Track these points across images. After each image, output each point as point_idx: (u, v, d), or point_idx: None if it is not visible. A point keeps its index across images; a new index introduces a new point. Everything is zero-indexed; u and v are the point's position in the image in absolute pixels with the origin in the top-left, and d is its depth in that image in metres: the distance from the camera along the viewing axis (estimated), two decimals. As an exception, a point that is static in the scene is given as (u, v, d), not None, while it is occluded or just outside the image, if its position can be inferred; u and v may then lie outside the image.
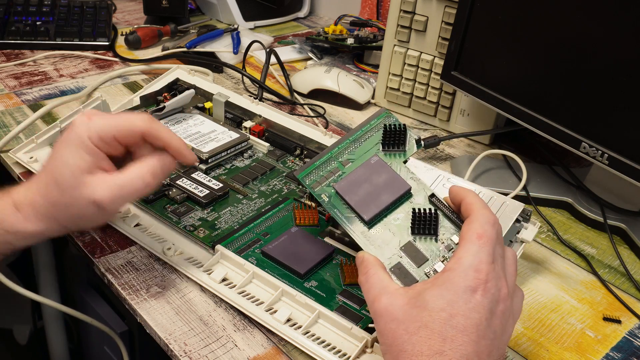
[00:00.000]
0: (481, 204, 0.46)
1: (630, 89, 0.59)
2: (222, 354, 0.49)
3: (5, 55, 1.00)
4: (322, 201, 0.51)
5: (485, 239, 0.43)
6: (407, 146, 0.54)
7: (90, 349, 0.98)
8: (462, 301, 0.40)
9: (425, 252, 0.48)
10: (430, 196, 0.51)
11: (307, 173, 0.53)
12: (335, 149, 0.54)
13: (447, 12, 0.81)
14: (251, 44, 0.99)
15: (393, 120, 0.55)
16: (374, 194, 0.50)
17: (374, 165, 0.52)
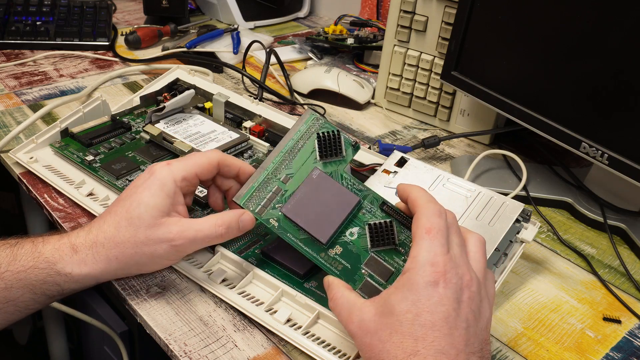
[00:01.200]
0: (425, 198, 0.46)
1: (630, 89, 0.59)
2: (222, 354, 0.49)
3: (5, 55, 1.00)
4: (272, 227, 0.50)
5: (435, 231, 0.43)
6: (345, 152, 0.52)
7: (90, 349, 0.98)
8: (425, 298, 0.41)
9: (389, 265, 0.47)
10: (381, 204, 0.50)
11: (248, 197, 0.51)
12: (270, 165, 0.52)
13: (447, 12, 0.81)
14: (251, 44, 0.99)
15: (324, 125, 0.52)
16: (324, 212, 0.49)
17: (317, 180, 0.51)
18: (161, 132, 0.71)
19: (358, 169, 0.67)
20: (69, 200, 0.64)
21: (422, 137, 0.85)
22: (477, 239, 0.46)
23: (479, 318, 0.42)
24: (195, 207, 0.63)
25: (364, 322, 0.43)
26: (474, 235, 0.47)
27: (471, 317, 0.41)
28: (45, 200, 0.65)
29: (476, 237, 0.47)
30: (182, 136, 0.71)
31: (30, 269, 0.49)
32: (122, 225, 0.50)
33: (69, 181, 0.65)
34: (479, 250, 0.46)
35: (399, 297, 0.41)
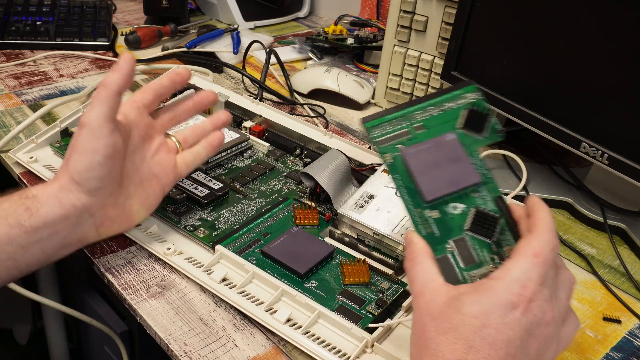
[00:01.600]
0: (549, 224, 0.43)
1: (630, 89, 0.59)
2: (222, 354, 0.49)
3: (5, 55, 1.00)
4: (385, 161, 0.47)
5: (541, 259, 0.40)
6: (487, 134, 0.49)
7: (90, 349, 0.98)
8: (499, 314, 0.38)
9: (476, 254, 0.45)
10: (497, 197, 0.47)
11: (375, 124, 0.48)
12: (411, 108, 0.49)
13: (447, 12, 0.81)
14: (251, 44, 0.99)
15: (479, 98, 0.49)
16: (440, 175, 0.46)
17: (448, 143, 0.47)
18: (161, 132, 0.71)
19: (358, 168, 0.67)
20: (69, 200, 0.64)
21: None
22: (568, 278, 0.43)
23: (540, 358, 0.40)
24: (195, 207, 0.63)
25: (432, 304, 0.41)
26: (566, 274, 0.43)
27: (533, 354, 0.39)
28: (45, 200, 0.65)
29: (568, 277, 0.43)
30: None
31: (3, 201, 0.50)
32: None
33: (69, 181, 0.65)
34: (565, 290, 0.43)
35: (474, 299, 0.39)
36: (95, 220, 0.53)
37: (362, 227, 0.59)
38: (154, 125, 0.58)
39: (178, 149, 0.60)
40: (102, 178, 0.51)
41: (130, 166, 0.55)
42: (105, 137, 0.50)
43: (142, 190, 0.56)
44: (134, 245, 0.59)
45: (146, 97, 0.57)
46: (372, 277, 0.56)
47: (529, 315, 0.39)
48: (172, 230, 0.60)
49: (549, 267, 0.40)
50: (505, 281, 0.39)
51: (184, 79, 0.60)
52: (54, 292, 1.03)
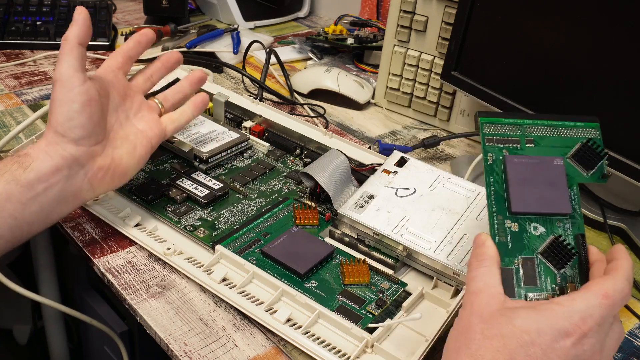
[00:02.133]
0: (628, 274, 0.42)
1: (630, 88, 0.59)
2: (222, 354, 0.49)
3: (5, 55, 1.00)
4: (485, 160, 0.48)
5: (609, 301, 0.40)
6: (592, 173, 0.49)
7: (90, 349, 0.98)
8: (550, 337, 0.38)
9: (539, 279, 0.45)
10: (579, 235, 0.47)
11: (490, 121, 0.49)
12: (530, 121, 0.50)
13: (447, 12, 0.81)
14: (251, 44, 0.99)
15: (597, 137, 0.50)
16: (534, 192, 0.47)
17: (554, 166, 0.48)
18: (161, 132, 0.71)
19: (358, 168, 0.67)
20: (69, 200, 0.64)
21: (422, 137, 0.85)
22: (620, 332, 0.43)
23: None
24: (195, 207, 0.63)
25: (485, 306, 0.41)
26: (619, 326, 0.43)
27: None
28: (45, 200, 0.65)
29: (620, 331, 0.43)
30: (182, 136, 0.71)
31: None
32: None
33: (69, 181, 0.65)
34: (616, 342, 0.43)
35: (529, 315, 0.39)
36: (87, 171, 0.54)
37: (362, 227, 0.59)
38: (131, 86, 0.61)
39: (160, 109, 0.62)
40: (83, 125, 0.53)
41: (114, 121, 0.57)
42: (77, 86, 0.52)
43: (128, 143, 0.57)
44: (134, 245, 0.59)
45: (117, 60, 0.60)
46: (372, 277, 0.56)
47: (578, 348, 0.39)
48: (172, 230, 0.60)
49: (612, 314, 0.40)
50: (567, 308, 0.39)
51: (148, 39, 0.63)
52: (54, 292, 1.03)
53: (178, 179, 0.66)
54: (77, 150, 0.53)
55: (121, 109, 0.58)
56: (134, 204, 0.63)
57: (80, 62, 0.53)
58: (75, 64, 0.53)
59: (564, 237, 0.46)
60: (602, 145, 0.49)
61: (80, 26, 0.54)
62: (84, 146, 0.53)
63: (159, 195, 0.64)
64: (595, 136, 0.50)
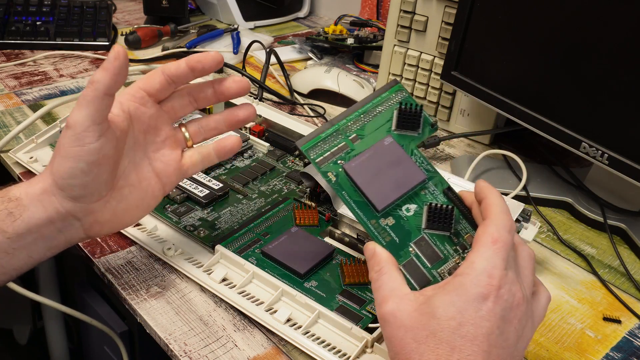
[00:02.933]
0: (501, 207, 0.43)
1: (630, 88, 0.59)
2: (222, 354, 0.49)
3: (5, 55, 1.00)
4: (329, 180, 0.47)
5: (501, 244, 0.41)
6: (422, 129, 0.49)
7: (90, 349, 0.98)
8: (473, 309, 0.39)
9: (438, 250, 0.45)
10: (446, 189, 0.47)
11: (311, 145, 0.48)
12: (343, 121, 0.49)
13: (447, 12, 0.81)
14: (251, 44, 0.99)
15: (407, 98, 0.50)
16: (386, 181, 0.46)
17: (387, 147, 0.48)
18: (161, 132, 0.71)
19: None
20: (69, 200, 0.64)
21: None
22: (528, 253, 0.44)
23: (520, 339, 0.40)
24: (195, 207, 0.63)
25: (400, 313, 0.40)
26: (525, 249, 0.44)
27: (513, 337, 0.40)
28: (45, 200, 0.65)
29: (527, 252, 0.44)
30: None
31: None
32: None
33: (69, 181, 0.65)
34: (528, 265, 0.43)
35: (446, 301, 0.39)
36: (84, 224, 0.49)
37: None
38: (161, 115, 0.51)
39: (187, 142, 0.53)
40: (85, 186, 0.46)
41: (127, 164, 0.50)
42: (90, 142, 0.45)
43: (138, 191, 0.51)
44: (134, 245, 0.59)
45: (153, 85, 0.50)
46: (372, 277, 0.56)
47: (500, 302, 0.39)
48: (172, 230, 0.60)
49: (509, 250, 0.41)
50: (471, 275, 0.40)
51: (205, 68, 0.50)
52: (54, 292, 1.03)
53: (178, 179, 0.66)
54: (74, 207, 0.47)
55: (139, 146, 0.50)
56: (134, 204, 0.63)
57: (102, 114, 0.45)
58: (95, 116, 0.45)
59: (434, 200, 0.46)
60: (414, 101, 0.49)
61: (113, 75, 0.45)
62: (84, 204, 0.47)
63: (159, 195, 0.63)
64: (404, 97, 0.50)
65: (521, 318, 0.40)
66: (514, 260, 0.42)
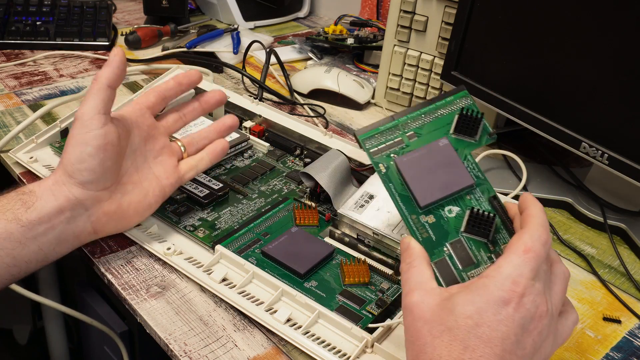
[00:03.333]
0: (541, 220, 0.43)
1: (630, 88, 0.59)
2: (222, 354, 0.49)
3: (5, 55, 1.00)
4: (379, 171, 0.48)
5: (532, 254, 0.40)
6: (479, 136, 0.50)
7: (90, 349, 0.98)
8: (492, 311, 0.39)
9: (473, 254, 0.45)
10: (492, 197, 0.48)
11: (368, 136, 0.49)
12: (404, 118, 0.50)
13: (447, 12, 0.81)
14: (251, 44, 0.99)
15: (470, 104, 0.51)
16: (434, 180, 0.47)
17: (441, 148, 0.49)
18: (161, 132, 0.71)
19: (358, 168, 0.67)
20: (69, 200, 0.64)
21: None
22: (563, 272, 0.44)
23: (538, 352, 0.40)
24: (195, 207, 0.63)
25: (422, 306, 0.41)
26: (561, 267, 0.44)
27: (530, 348, 0.39)
28: (45, 200, 0.65)
29: (562, 270, 0.44)
30: (182, 136, 0.70)
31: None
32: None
33: (69, 181, 0.65)
34: (561, 283, 0.43)
35: (466, 299, 0.40)
36: (90, 215, 0.53)
37: (362, 227, 0.59)
38: (158, 127, 0.59)
39: (183, 153, 0.60)
40: (93, 170, 0.52)
41: (130, 165, 0.56)
42: (96, 128, 0.51)
43: (140, 189, 0.56)
44: (134, 245, 0.59)
45: (149, 99, 0.59)
46: (372, 277, 0.56)
47: (521, 310, 0.39)
48: (172, 230, 0.60)
49: (540, 262, 0.41)
50: (496, 278, 0.40)
51: (191, 82, 0.61)
52: (54, 292, 1.03)
53: (178, 179, 0.66)
54: (82, 194, 0.52)
55: (140, 152, 0.57)
56: (134, 204, 0.63)
57: (106, 105, 0.52)
58: (99, 106, 0.52)
59: (477, 206, 0.47)
60: (477, 108, 0.50)
61: (114, 69, 0.53)
62: (91, 190, 0.52)
63: (159, 195, 0.63)
64: (468, 103, 0.51)
65: (542, 331, 0.40)
66: (546, 274, 0.42)
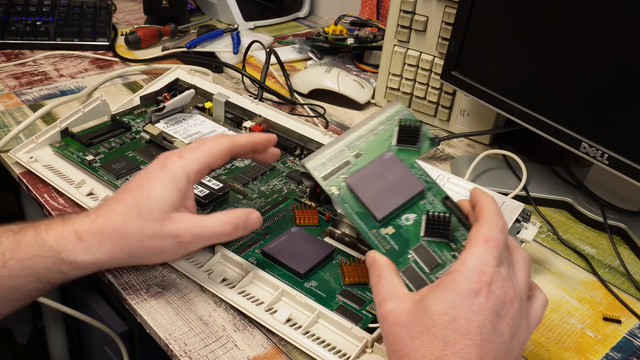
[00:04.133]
0: (494, 210, 0.45)
1: (630, 88, 0.59)
2: (222, 354, 0.49)
3: (5, 55, 1.00)
4: (332, 194, 0.49)
5: (493, 242, 0.42)
6: (421, 144, 0.52)
7: (90, 349, 0.98)
8: (465, 304, 0.40)
9: (437, 256, 0.47)
10: (444, 198, 0.49)
11: (317, 164, 0.51)
12: (347, 139, 0.52)
13: (447, 12, 0.81)
14: (251, 44, 0.99)
15: (408, 115, 0.53)
16: (386, 192, 0.49)
17: (387, 161, 0.50)
18: (161, 132, 0.71)
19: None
20: (69, 200, 0.64)
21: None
22: (523, 256, 0.45)
23: (515, 337, 0.41)
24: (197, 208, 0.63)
25: (397, 312, 0.42)
26: (520, 252, 0.45)
27: (506, 333, 0.40)
28: (45, 200, 0.65)
29: (523, 254, 0.45)
30: (182, 136, 0.71)
31: (35, 257, 0.49)
32: (131, 216, 0.49)
33: (69, 181, 0.65)
34: (523, 267, 0.44)
35: (439, 297, 0.41)
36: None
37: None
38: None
39: None
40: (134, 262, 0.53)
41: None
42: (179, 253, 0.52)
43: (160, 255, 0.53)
44: (134, 245, 0.59)
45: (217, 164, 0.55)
46: (372, 277, 0.56)
47: (492, 297, 0.40)
48: (172, 230, 0.60)
49: (502, 249, 0.42)
50: (463, 272, 0.41)
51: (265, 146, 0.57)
52: (54, 292, 1.03)
53: (178, 179, 0.66)
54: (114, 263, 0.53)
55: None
56: (134, 204, 0.63)
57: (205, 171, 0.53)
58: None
59: (432, 209, 0.49)
60: (414, 118, 0.52)
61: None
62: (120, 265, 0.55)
63: (159, 195, 0.63)
64: (405, 115, 0.53)
65: (514, 315, 0.41)
66: (508, 260, 0.43)
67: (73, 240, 0.49)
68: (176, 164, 0.51)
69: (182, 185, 0.51)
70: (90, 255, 0.50)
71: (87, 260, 0.50)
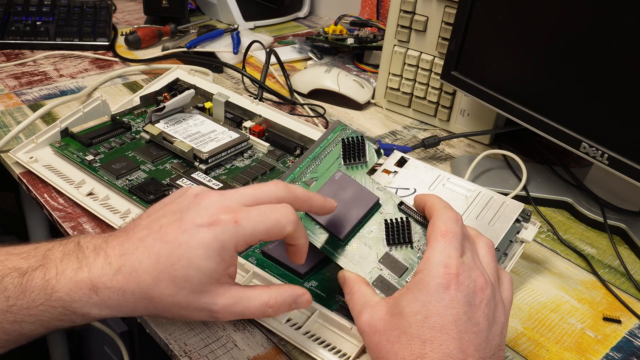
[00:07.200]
0: (442, 204, 0.46)
1: (630, 88, 0.59)
2: (222, 354, 0.49)
3: (5, 55, 1.00)
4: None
5: (450, 235, 0.43)
6: (368, 157, 0.55)
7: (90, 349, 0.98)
8: (435, 300, 0.40)
9: (403, 261, 0.48)
10: (399, 205, 0.51)
11: None
12: (297, 170, 0.54)
13: (447, 12, 0.81)
14: (251, 44, 0.99)
15: (350, 133, 0.55)
16: (343, 210, 0.51)
17: (339, 180, 0.53)
18: (161, 132, 0.71)
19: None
20: (69, 200, 0.64)
21: (422, 137, 0.85)
22: (486, 243, 0.46)
23: (493, 323, 0.42)
24: (195, 207, 0.63)
25: (374, 320, 0.42)
26: (482, 239, 0.46)
27: (483, 321, 0.41)
28: (45, 200, 0.65)
29: (485, 241, 0.46)
30: (182, 136, 0.71)
31: (42, 306, 0.41)
32: (163, 279, 0.41)
33: (69, 181, 0.65)
34: (488, 253, 0.45)
35: (410, 298, 0.41)
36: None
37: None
38: None
39: None
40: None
41: None
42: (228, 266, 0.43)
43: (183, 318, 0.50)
44: (134, 245, 0.59)
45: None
46: (372, 277, 0.56)
47: (462, 288, 0.41)
48: (172, 230, 0.60)
49: (461, 239, 0.43)
50: (429, 269, 0.41)
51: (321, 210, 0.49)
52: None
53: (178, 179, 0.66)
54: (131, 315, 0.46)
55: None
56: (134, 204, 0.63)
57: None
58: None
59: (390, 217, 0.50)
60: (356, 134, 0.55)
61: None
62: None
63: (159, 195, 0.63)
64: (347, 134, 0.56)
65: (488, 302, 0.41)
66: (471, 250, 0.44)
67: (88, 293, 0.41)
68: (229, 231, 0.41)
69: (229, 256, 0.42)
70: (107, 311, 0.42)
71: (102, 314, 0.43)
